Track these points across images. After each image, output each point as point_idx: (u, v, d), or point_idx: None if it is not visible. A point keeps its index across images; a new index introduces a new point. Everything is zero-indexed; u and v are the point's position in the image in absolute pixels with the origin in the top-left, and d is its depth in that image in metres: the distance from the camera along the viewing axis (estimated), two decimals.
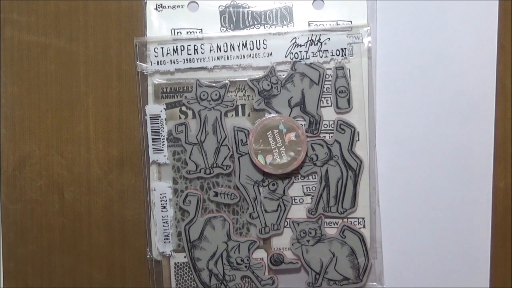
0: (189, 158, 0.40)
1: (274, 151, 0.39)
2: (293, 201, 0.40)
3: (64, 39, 0.42)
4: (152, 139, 0.40)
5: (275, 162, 0.39)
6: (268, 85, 0.40)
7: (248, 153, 0.39)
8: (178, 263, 0.41)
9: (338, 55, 0.40)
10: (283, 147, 0.39)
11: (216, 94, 0.40)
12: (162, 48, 0.40)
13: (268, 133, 0.39)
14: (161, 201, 0.40)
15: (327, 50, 0.40)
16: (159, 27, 0.40)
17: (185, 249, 0.40)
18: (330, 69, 0.40)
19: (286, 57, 0.40)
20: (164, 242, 0.41)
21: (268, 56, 0.40)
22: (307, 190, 0.40)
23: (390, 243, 0.41)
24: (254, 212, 0.40)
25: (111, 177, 0.42)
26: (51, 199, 0.42)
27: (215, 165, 0.40)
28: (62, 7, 0.42)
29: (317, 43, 0.39)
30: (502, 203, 0.41)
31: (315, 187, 0.40)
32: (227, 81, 0.40)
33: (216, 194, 0.40)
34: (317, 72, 0.40)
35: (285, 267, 0.40)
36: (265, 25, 0.40)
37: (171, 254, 0.41)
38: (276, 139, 0.39)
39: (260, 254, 0.41)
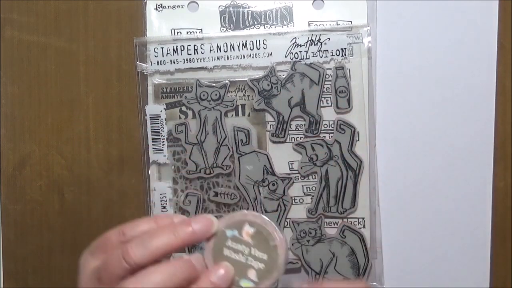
0: (189, 158, 0.40)
1: (248, 262, 0.29)
2: (293, 201, 0.40)
3: (64, 39, 0.42)
4: (152, 139, 0.40)
5: (262, 274, 0.28)
6: (268, 85, 0.40)
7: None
8: None
9: (338, 55, 0.40)
10: (251, 250, 0.29)
11: (216, 94, 0.40)
12: (162, 48, 0.40)
13: (224, 251, 0.29)
14: (161, 201, 0.40)
15: (327, 50, 0.39)
16: (159, 27, 0.40)
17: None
18: (330, 69, 0.40)
19: (286, 57, 0.40)
20: None
21: (268, 56, 0.40)
22: (307, 190, 0.40)
23: (390, 243, 0.41)
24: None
25: (111, 177, 0.42)
26: (51, 199, 0.42)
27: (215, 165, 0.40)
28: (62, 7, 0.42)
29: (317, 43, 0.39)
30: (502, 203, 0.41)
31: (315, 187, 0.40)
32: (227, 81, 0.40)
33: (216, 194, 0.40)
34: (317, 72, 0.39)
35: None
36: (265, 25, 0.40)
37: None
38: (238, 249, 0.29)
39: None
